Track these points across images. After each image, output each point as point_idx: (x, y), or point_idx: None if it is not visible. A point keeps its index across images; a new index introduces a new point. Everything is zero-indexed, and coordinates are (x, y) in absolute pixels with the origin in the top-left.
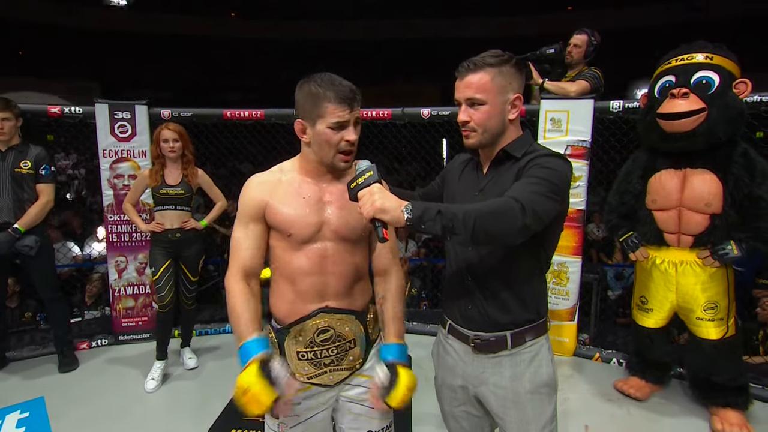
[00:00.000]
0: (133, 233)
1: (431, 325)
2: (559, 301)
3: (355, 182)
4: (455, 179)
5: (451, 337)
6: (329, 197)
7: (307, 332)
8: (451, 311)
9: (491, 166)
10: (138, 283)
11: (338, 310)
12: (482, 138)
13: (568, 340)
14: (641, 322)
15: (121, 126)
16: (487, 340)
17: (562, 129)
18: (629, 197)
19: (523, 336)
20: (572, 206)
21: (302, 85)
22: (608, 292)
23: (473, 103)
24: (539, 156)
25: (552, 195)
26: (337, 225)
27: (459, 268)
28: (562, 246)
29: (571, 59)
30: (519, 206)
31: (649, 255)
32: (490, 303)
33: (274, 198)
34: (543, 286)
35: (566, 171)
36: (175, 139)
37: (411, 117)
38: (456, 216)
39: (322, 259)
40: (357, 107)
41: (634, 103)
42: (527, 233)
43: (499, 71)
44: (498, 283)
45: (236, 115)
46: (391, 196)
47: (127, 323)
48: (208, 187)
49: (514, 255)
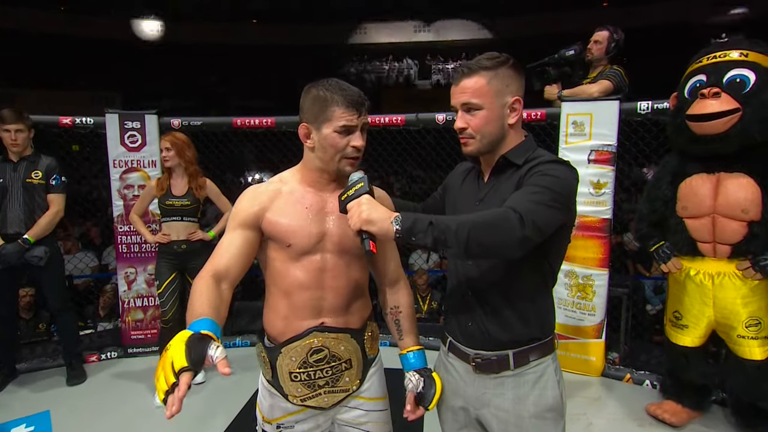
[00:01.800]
0: (143, 244)
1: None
2: (584, 317)
3: (346, 194)
4: (457, 189)
5: (452, 355)
6: (331, 207)
7: (300, 352)
8: (452, 328)
9: (492, 175)
10: (147, 294)
11: (333, 328)
12: (480, 145)
13: (594, 359)
14: (675, 339)
15: (131, 136)
16: (489, 359)
17: (585, 133)
18: (659, 204)
19: (526, 355)
20: (598, 215)
21: (309, 90)
22: (647, 306)
23: (469, 109)
24: (541, 163)
25: (554, 204)
26: (340, 236)
27: (459, 283)
28: (587, 258)
29: (592, 56)
30: (517, 217)
31: (682, 266)
32: (491, 320)
33: (272, 208)
34: (549, 302)
35: (570, 178)
36: (167, 148)
37: (425, 123)
38: (449, 228)
39: (320, 272)
40: (365, 113)
41: (664, 103)
42: (526, 246)
43: (495, 74)
44: (499, 299)
45: (246, 123)
46: (380, 207)
47: (137, 336)
48: (215, 197)
49: (516, 269)
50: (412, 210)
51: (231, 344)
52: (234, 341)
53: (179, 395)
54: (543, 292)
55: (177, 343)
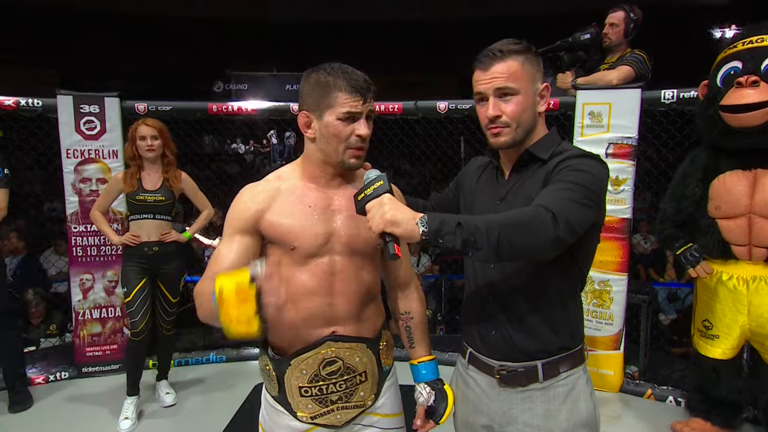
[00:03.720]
0: (102, 246)
1: (450, 353)
2: (601, 327)
3: (363, 193)
4: (472, 186)
5: (473, 368)
6: (338, 204)
7: (311, 364)
8: (472, 338)
9: (514, 171)
10: (106, 304)
11: (347, 337)
12: (516, 134)
13: (613, 374)
14: (705, 351)
15: (88, 122)
16: (515, 371)
17: (603, 124)
18: (687, 204)
19: (556, 366)
20: (617, 214)
21: (309, 75)
22: (659, 315)
23: (504, 94)
24: (571, 157)
25: (587, 202)
26: (348, 236)
27: (479, 288)
28: (605, 261)
29: (610, 42)
30: (550, 216)
31: (713, 270)
32: (516, 328)
33: (272, 209)
34: (578, 308)
35: (602, 174)
36: (153, 136)
37: (425, 111)
38: (478, 228)
39: (329, 276)
40: (371, 99)
41: (691, 92)
42: (560, 247)
43: (526, 58)
44: (524, 305)
45: (223, 110)
46: (404, 208)
47: (93, 352)
48: (192, 193)
49: (543, 272)
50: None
51: (204, 360)
52: (207, 356)
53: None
54: (572, 296)
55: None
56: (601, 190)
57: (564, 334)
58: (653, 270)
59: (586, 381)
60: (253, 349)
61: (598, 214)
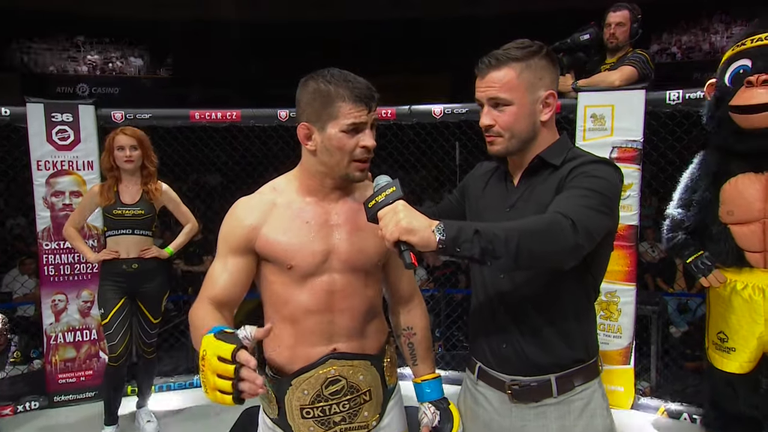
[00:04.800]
0: (77, 264)
1: (449, 372)
2: (609, 340)
3: (374, 200)
4: (478, 193)
5: (482, 384)
6: (337, 219)
7: (313, 384)
8: (481, 352)
9: (523, 177)
10: (81, 327)
11: (350, 355)
12: (509, 144)
13: (623, 389)
14: (720, 365)
15: (61, 131)
16: (528, 385)
17: (606, 127)
18: (696, 209)
19: (571, 380)
20: (623, 221)
21: (307, 83)
22: (670, 328)
23: (497, 104)
24: (585, 163)
25: (604, 209)
26: (348, 253)
27: (488, 299)
28: (612, 270)
29: (616, 42)
30: (569, 223)
31: (727, 279)
32: (529, 340)
33: (267, 225)
34: (592, 319)
35: (617, 180)
36: (133, 146)
37: (419, 116)
38: (497, 236)
39: (328, 295)
40: (375, 108)
41: (697, 92)
42: (579, 254)
43: (527, 65)
44: (537, 316)
45: (206, 117)
46: (419, 215)
47: (66, 379)
48: (174, 207)
49: (556, 281)
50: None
51: (187, 384)
52: (191, 380)
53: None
54: (586, 307)
55: (208, 344)
56: (616, 197)
57: (578, 346)
58: (662, 280)
59: (601, 395)
60: None
61: (613, 221)
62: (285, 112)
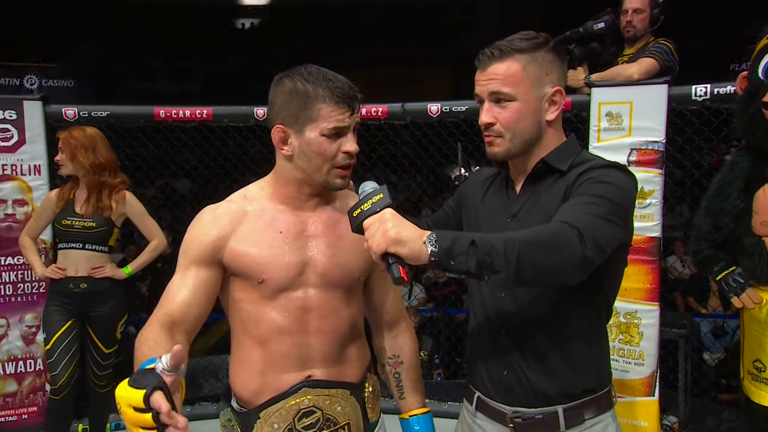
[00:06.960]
0: (20, 283)
1: (449, 403)
2: (629, 368)
3: (359, 208)
4: (477, 202)
5: (481, 416)
6: (314, 229)
7: (284, 416)
8: (480, 379)
9: (526, 183)
10: (24, 356)
11: (326, 382)
12: (511, 145)
13: (646, 425)
14: (758, 398)
15: (2, 130)
16: (532, 418)
17: (623, 127)
18: (727, 219)
19: (580, 412)
20: (643, 232)
21: (282, 82)
22: (703, 354)
23: (499, 99)
24: (594, 168)
25: (614, 218)
26: (326, 266)
27: (488, 320)
28: (630, 288)
29: (635, 31)
30: (575, 233)
31: (762, 300)
32: (533, 367)
33: (237, 235)
34: (604, 343)
35: (630, 187)
36: (60, 148)
37: (414, 115)
38: (495, 248)
39: (303, 313)
40: (357, 109)
41: (728, 86)
42: (587, 268)
43: (533, 58)
44: (543, 340)
45: (172, 115)
46: (409, 224)
47: (6, 417)
48: (138, 220)
49: (564, 301)
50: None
51: None
52: None
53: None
54: (598, 330)
55: (121, 391)
56: (629, 205)
57: (588, 374)
58: (693, 299)
59: (615, 429)
60: (211, 404)
61: (627, 231)
62: (263, 110)
